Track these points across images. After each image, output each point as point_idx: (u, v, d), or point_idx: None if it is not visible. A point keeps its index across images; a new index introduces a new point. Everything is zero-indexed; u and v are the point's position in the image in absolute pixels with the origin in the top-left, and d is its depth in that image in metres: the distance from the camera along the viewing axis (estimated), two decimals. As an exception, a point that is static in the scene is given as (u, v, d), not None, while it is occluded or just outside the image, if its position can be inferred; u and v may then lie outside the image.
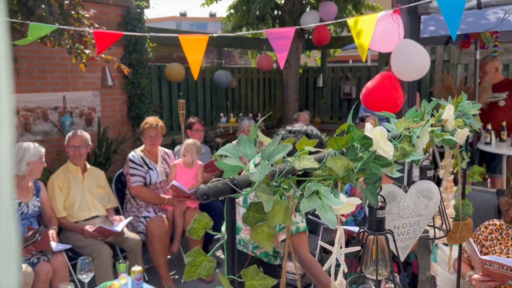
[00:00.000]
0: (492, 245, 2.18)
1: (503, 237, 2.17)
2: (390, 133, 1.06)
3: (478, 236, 2.26)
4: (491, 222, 2.26)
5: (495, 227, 2.21)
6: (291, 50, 6.57)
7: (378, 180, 0.83)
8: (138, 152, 3.65)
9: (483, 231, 2.25)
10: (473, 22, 3.59)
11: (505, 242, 2.15)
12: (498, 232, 2.19)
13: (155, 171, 3.62)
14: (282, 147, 0.57)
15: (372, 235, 1.01)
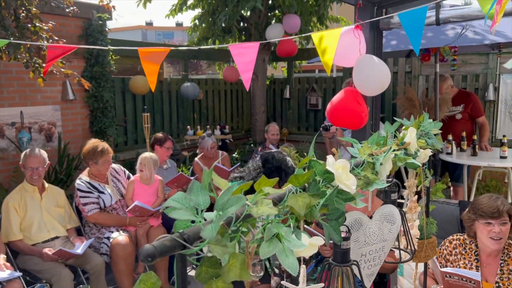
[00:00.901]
0: (457, 259, 2.21)
1: (466, 252, 2.20)
2: (353, 160, 1.04)
3: (442, 251, 2.29)
4: (455, 236, 2.29)
5: (459, 241, 2.25)
6: (257, 62, 6.59)
7: (341, 215, 0.80)
8: (84, 178, 3.41)
9: (448, 246, 2.27)
10: (432, 37, 3.70)
11: (469, 257, 2.18)
12: (462, 247, 2.22)
13: (107, 194, 3.44)
14: (236, 198, 0.53)
15: (337, 267, 0.98)
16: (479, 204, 2.07)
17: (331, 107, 2.50)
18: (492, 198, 2.07)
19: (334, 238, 0.80)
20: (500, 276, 2.05)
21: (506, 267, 2.05)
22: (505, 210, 2.00)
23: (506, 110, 5.55)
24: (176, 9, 6.49)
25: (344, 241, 0.98)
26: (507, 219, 2.01)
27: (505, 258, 2.07)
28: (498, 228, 2.00)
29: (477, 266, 2.13)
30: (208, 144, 4.57)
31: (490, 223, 2.02)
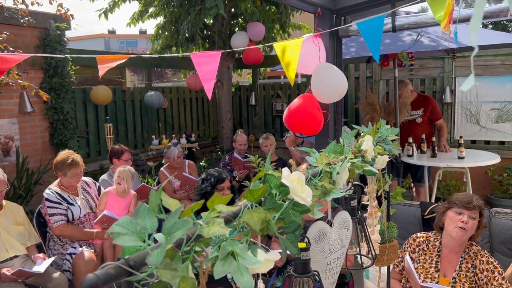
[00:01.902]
0: (418, 255, 2.27)
1: (429, 248, 2.26)
2: (310, 170, 1.05)
3: (406, 249, 2.34)
4: (420, 234, 2.36)
5: (423, 239, 2.31)
6: (222, 70, 6.62)
7: (298, 228, 0.81)
8: (54, 188, 3.31)
9: (411, 244, 2.33)
10: (390, 43, 3.81)
11: (430, 253, 2.24)
12: (425, 244, 2.28)
13: (76, 206, 3.35)
14: (182, 222, 0.53)
15: (298, 278, 0.98)
16: (455, 195, 2.18)
17: (288, 113, 2.53)
18: (468, 194, 2.17)
19: (291, 251, 0.80)
20: (457, 272, 2.12)
21: (465, 264, 2.12)
22: (478, 205, 2.09)
23: (462, 112, 5.78)
24: (136, 18, 6.41)
25: (304, 252, 0.99)
26: (476, 215, 2.09)
27: (465, 256, 2.14)
28: (467, 218, 2.08)
29: (437, 261, 2.20)
30: (174, 153, 4.51)
31: (461, 212, 2.09)
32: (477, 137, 5.70)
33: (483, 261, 2.09)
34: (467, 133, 5.71)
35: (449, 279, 2.13)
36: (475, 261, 2.11)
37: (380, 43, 2.44)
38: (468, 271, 2.11)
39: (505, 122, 5.53)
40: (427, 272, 2.19)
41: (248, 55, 5.41)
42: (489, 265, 2.06)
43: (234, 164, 4.95)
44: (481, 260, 2.09)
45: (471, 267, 2.11)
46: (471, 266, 2.11)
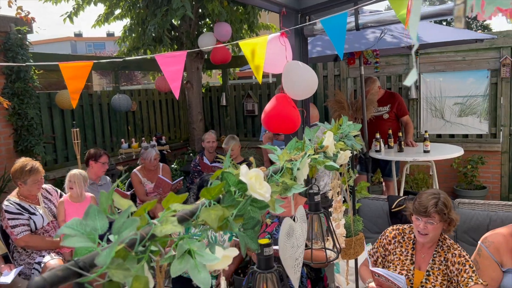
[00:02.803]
0: (394, 247, 2.32)
1: (404, 240, 2.31)
2: (272, 167, 1.07)
3: (382, 241, 2.38)
4: (395, 227, 2.40)
5: (398, 231, 2.35)
6: (191, 70, 6.58)
7: (257, 224, 0.82)
8: (13, 199, 3.19)
9: (388, 236, 2.37)
10: (355, 41, 3.88)
11: (406, 245, 2.29)
12: (401, 236, 2.33)
13: (38, 215, 3.25)
14: (130, 221, 0.53)
15: (261, 274, 0.99)
16: (417, 199, 2.18)
17: (265, 115, 2.55)
18: (430, 196, 2.14)
19: (251, 246, 0.81)
20: (431, 265, 2.18)
21: (438, 257, 2.18)
22: (435, 211, 2.08)
23: (427, 107, 5.95)
24: (102, 20, 6.29)
25: (267, 248, 1.00)
26: (435, 220, 2.10)
27: (439, 249, 2.20)
28: (423, 225, 2.12)
29: (412, 254, 2.25)
30: (151, 155, 4.45)
31: (419, 219, 2.14)
32: (442, 131, 5.88)
33: (456, 254, 2.15)
34: (433, 128, 5.88)
35: (423, 272, 2.19)
36: (448, 254, 2.16)
37: (344, 40, 2.48)
38: (441, 264, 2.16)
39: (468, 116, 5.73)
40: (403, 264, 2.24)
41: (215, 55, 5.40)
42: (460, 258, 2.13)
43: (202, 168, 4.95)
44: (453, 254, 2.15)
45: (443, 260, 2.17)
46: (443, 259, 2.17)
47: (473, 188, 5.54)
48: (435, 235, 2.15)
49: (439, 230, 2.15)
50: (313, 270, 2.73)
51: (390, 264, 2.26)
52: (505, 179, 5.61)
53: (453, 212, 2.15)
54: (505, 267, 2.14)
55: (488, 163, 5.57)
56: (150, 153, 4.46)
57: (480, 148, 5.61)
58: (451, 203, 2.17)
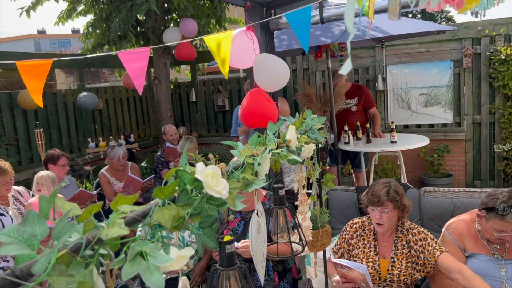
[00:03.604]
0: (357, 241, 2.35)
1: (365, 233, 2.35)
2: (232, 164, 1.06)
3: (344, 236, 2.41)
4: (355, 220, 2.43)
5: (359, 224, 2.39)
6: (159, 67, 6.48)
7: (215, 222, 0.81)
8: None
9: (349, 231, 2.40)
10: (321, 34, 3.90)
11: (368, 237, 2.33)
12: (362, 229, 2.37)
13: (8, 216, 3.15)
14: (68, 226, 0.50)
15: (224, 271, 0.98)
16: (370, 190, 2.23)
17: (242, 111, 2.53)
18: (381, 185, 2.19)
19: (209, 245, 0.80)
20: (394, 251, 2.23)
21: (400, 242, 2.23)
22: (387, 199, 2.13)
23: (394, 98, 6.07)
24: (65, 16, 6.10)
25: (229, 245, 0.99)
26: (389, 208, 2.14)
27: (399, 234, 2.25)
28: (379, 215, 2.16)
29: (375, 245, 2.29)
30: (118, 154, 4.34)
31: (374, 209, 2.18)
32: (409, 121, 6.01)
33: (415, 233, 2.20)
34: (400, 118, 6.01)
35: (388, 260, 2.23)
36: (408, 236, 2.22)
37: (308, 34, 2.49)
38: (404, 248, 2.21)
39: (433, 106, 5.87)
40: (368, 256, 2.27)
41: (180, 51, 5.32)
42: (420, 234, 2.19)
43: (167, 155, 4.88)
44: (413, 233, 2.21)
45: (405, 243, 2.22)
46: (405, 242, 2.22)
47: (440, 176, 5.70)
48: (391, 223, 2.20)
49: (394, 217, 2.19)
50: (280, 262, 2.74)
51: (356, 258, 2.30)
52: (470, 167, 5.80)
53: (405, 199, 2.20)
54: (468, 252, 2.21)
55: (454, 152, 5.74)
56: (117, 152, 4.36)
57: (446, 137, 5.77)
58: (402, 190, 2.21)
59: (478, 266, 2.14)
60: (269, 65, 2.61)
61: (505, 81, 5.27)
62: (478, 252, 2.18)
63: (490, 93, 5.54)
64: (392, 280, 2.17)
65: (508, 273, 2.10)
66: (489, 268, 2.12)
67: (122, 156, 4.38)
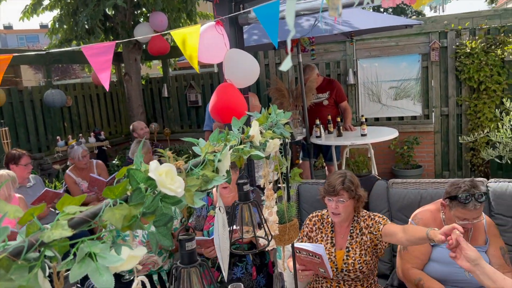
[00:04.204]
0: (316, 234, 2.38)
1: (324, 226, 2.38)
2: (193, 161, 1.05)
3: (304, 229, 2.44)
4: (315, 213, 2.46)
5: (318, 217, 2.42)
6: (129, 62, 6.37)
7: (170, 220, 0.80)
8: None
9: (308, 224, 2.43)
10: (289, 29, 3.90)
11: (325, 230, 2.37)
12: (320, 222, 2.40)
13: None
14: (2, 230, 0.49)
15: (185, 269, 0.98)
16: (326, 181, 2.28)
17: (212, 107, 2.51)
18: (337, 176, 2.24)
19: (164, 243, 0.79)
20: (349, 241, 2.27)
21: (355, 232, 2.28)
22: (342, 189, 2.17)
23: (365, 92, 6.16)
24: (29, 11, 5.91)
25: (189, 242, 0.99)
26: (344, 197, 2.19)
27: (355, 224, 2.30)
28: (335, 205, 2.21)
29: (332, 237, 2.33)
30: (77, 153, 4.25)
31: (330, 199, 2.22)
32: (379, 114, 6.12)
33: (366, 218, 2.27)
34: (370, 112, 6.11)
35: (343, 250, 2.27)
36: (361, 224, 2.27)
37: (277, 28, 2.49)
38: (358, 236, 2.26)
39: (402, 99, 5.99)
40: (326, 249, 2.31)
41: (153, 45, 5.25)
42: (369, 218, 2.26)
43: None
44: (364, 220, 2.27)
45: (359, 231, 2.27)
46: (359, 231, 2.27)
47: (410, 167, 5.83)
48: (347, 213, 2.24)
49: (350, 207, 2.23)
50: (258, 256, 2.76)
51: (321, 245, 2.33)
52: (438, 158, 5.95)
53: (360, 190, 2.25)
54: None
55: (423, 143, 5.87)
56: (76, 151, 4.26)
57: (415, 129, 5.90)
58: (358, 181, 2.27)
59: (443, 254, 2.21)
60: (239, 61, 2.60)
61: (470, 74, 5.42)
62: (443, 241, 2.24)
63: (457, 85, 5.69)
64: (348, 269, 2.22)
65: (470, 261, 2.17)
66: (452, 256, 2.19)
67: (81, 154, 4.28)
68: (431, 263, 2.25)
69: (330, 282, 2.30)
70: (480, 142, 5.35)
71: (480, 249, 2.22)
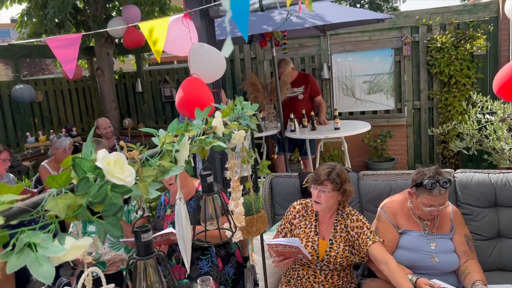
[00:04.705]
0: (299, 221, 2.40)
1: (308, 214, 2.40)
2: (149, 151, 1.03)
3: (288, 216, 2.45)
4: (299, 201, 2.48)
5: (302, 205, 2.44)
6: (101, 56, 6.25)
7: (119, 210, 0.78)
8: None
9: (292, 211, 2.44)
10: (262, 23, 3.91)
11: (309, 218, 2.38)
12: (304, 210, 2.42)
13: None
14: None
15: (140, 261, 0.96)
16: (316, 170, 2.30)
17: (178, 101, 2.48)
18: (326, 167, 2.27)
19: (114, 234, 0.78)
20: (333, 234, 2.29)
21: (339, 226, 2.30)
22: (327, 179, 2.20)
23: (339, 86, 6.21)
24: (-5, 3, 5.72)
25: (145, 234, 0.97)
26: (328, 188, 2.21)
27: (339, 218, 2.32)
28: (317, 193, 2.23)
29: (315, 225, 2.35)
30: (64, 144, 4.08)
31: (315, 188, 2.24)
32: (354, 108, 6.18)
33: (354, 219, 2.28)
34: (345, 106, 6.17)
35: (327, 241, 2.29)
36: (347, 221, 2.29)
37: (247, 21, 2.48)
38: (342, 232, 2.28)
39: (376, 93, 6.07)
40: (308, 237, 2.32)
41: (128, 38, 5.15)
42: (358, 222, 2.26)
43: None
44: (351, 219, 2.28)
45: (344, 227, 2.29)
46: (344, 226, 2.29)
47: (383, 160, 5.92)
48: (329, 204, 2.26)
49: (332, 199, 2.25)
50: (222, 247, 2.75)
51: (296, 237, 2.34)
52: (411, 150, 6.07)
53: (348, 184, 2.27)
54: (401, 229, 2.32)
55: (396, 136, 5.97)
56: (63, 142, 4.10)
57: (388, 123, 5.99)
58: (347, 176, 2.29)
59: (410, 242, 2.26)
60: (204, 55, 2.55)
61: (441, 68, 5.53)
62: (410, 229, 2.29)
63: (429, 79, 5.80)
64: (329, 261, 2.24)
65: (437, 247, 2.23)
66: (420, 243, 2.24)
67: (68, 146, 4.14)
68: (399, 250, 2.29)
69: (307, 270, 2.32)
70: (451, 135, 5.47)
71: (446, 236, 2.28)
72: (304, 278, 2.33)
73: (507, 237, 2.59)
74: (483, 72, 5.53)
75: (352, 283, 2.39)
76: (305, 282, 2.32)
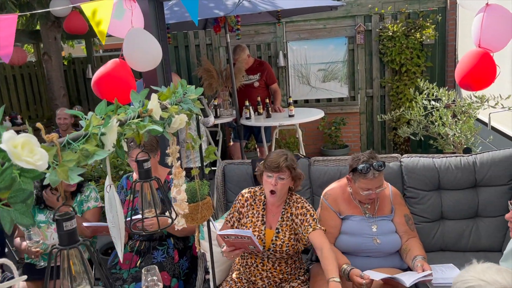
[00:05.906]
0: (247, 210, 2.38)
1: (256, 203, 2.38)
2: (73, 134, 0.97)
3: (236, 205, 2.43)
4: (247, 190, 2.45)
5: (250, 194, 2.41)
6: (48, 41, 5.93)
7: (30, 196, 0.72)
8: None
9: (240, 199, 2.42)
10: (214, 7, 3.83)
11: (257, 207, 2.36)
12: (252, 199, 2.39)
13: None
14: None
15: (63, 250, 0.91)
16: (268, 158, 2.27)
17: (96, 79, 2.33)
18: (279, 153, 2.25)
19: (24, 222, 0.72)
20: (280, 222, 2.29)
21: (286, 214, 2.30)
22: (285, 166, 2.19)
23: (295, 74, 6.23)
24: None
25: (67, 222, 0.91)
26: (286, 175, 2.20)
27: (286, 206, 2.31)
28: (274, 181, 2.20)
29: (263, 214, 2.33)
30: None
31: (271, 175, 2.21)
32: (309, 96, 6.23)
33: (298, 207, 2.28)
34: (300, 94, 6.21)
35: (273, 230, 2.29)
36: (293, 209, 2.29)
37: (197, 5, 2.40)
38: (288, 220, 2.28)
39: (330, 81, 6.14)
40: (255, 226, 2.31)
41: (69, 23, 4.90)
42: (302, 209, 2.27)
43: None
44: (296, 207, 2.29)
45: (290, 215, 2.29)
46: (290, 214, 2.29)
47: (337, 147, 6.02)
48: (283, 192, 2.25)
49: (286, 187, 2.25)
50: (181, 240, 2.71)
51: (244, 227, 2.33)
52: (364, 137, 6.21)
53: (298, 169, 2.29)
54: (343, 215, 2.36)
55: (349, 124, 6.08)
56: None
57: (342, 111, 6.08)
58: (296, 161, 2.30)
59: (352, 226, 2.31)
60: (138, 42, 2.42)
61: (392, 57, 5.66)
62: (352, 214, 2.34)
63: (381, 68, 5.93)
64: (275, 250, 2.24)
65: (378, 230, 2.29)
66: (362, 226, 2.29)
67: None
68: (342, 235, 2.33)
69: (255, 258, 2.31)
70: (401, 122, 5.63)
71: (386, 218, 2.34)
72: (253, 266, 2.32)
73: (449, 218, 2.69)
74: (431, 60, 5.71)
75: (301, 268, 2.41)
76: (254, 270, 2.31)
